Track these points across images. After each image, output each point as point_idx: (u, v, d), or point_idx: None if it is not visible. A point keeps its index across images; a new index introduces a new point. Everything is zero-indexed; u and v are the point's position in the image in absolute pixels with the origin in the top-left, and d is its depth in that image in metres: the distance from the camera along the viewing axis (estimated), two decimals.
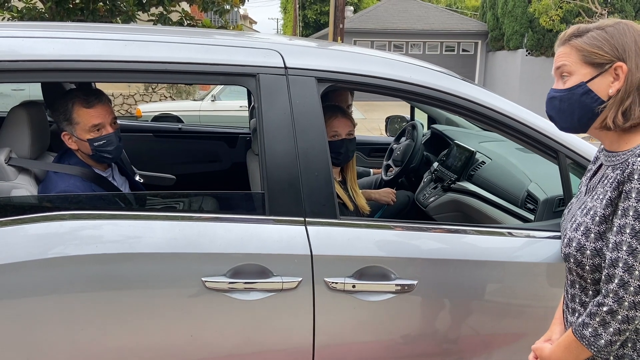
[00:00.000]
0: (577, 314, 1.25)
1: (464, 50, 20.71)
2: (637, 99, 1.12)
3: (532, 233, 1.71)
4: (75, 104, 1.79)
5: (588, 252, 1.16)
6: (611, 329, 1.11)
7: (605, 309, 1.10)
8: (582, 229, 1.18)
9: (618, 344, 1.12)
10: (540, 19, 14.96)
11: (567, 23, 14.64)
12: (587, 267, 1.17)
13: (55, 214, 1.48)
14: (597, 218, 1.14)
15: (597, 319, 1.12)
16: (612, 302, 1.09)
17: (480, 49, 20.34)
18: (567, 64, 1.17)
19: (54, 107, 1.84)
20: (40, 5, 5.25)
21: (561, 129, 1.25)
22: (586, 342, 1.14)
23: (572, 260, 1.20)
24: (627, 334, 1.11)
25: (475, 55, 20.55)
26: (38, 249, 1.42)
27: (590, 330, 1.13)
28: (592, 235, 1.15)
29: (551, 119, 1.25)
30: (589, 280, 1.19)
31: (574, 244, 1.19)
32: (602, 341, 1.12)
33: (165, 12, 5.34)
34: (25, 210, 1.55)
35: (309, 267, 1.53)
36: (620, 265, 1.07)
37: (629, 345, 1.15)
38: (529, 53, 17.22)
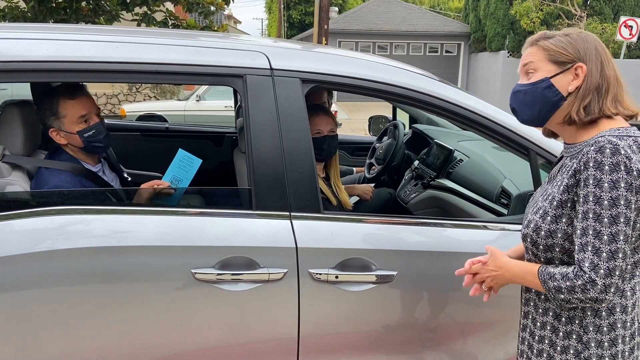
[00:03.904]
0: (532, 290, 1.37)
1: (447, 51, 20.92)
2: (595, 97, 1.25)
3: (506, 226, 1.80)
4: (60, 97, 1.84)
5: (543, 232, 1.27)
6: (569, 298, 1.20)
7: (578, 282, 1.18)
8: (540, 212, 1.29)
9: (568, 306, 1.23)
10: (522, 21, 15.19)
11: (547, 25, 14.89)
12: (541, 247, 1.28)
13: (47, 209, 1.53)
14: (555, 202, 1.26)
15: (567, 283, 1.19)
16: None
17: (463, 50, 20.56)
18: (533, 61, 1.29)
19: (40, 105, 1.88)
20: (22, 4, 5.21)
21: (522, 121, 1.36)
22: (546, 287, 1.24)
23: (528, 240, 1.32)
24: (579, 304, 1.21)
25: (458, 57, 20.78)
26: (33, 243, 1.47)
27: (554, 284, 1.22)
28: (549, 218, 1.26)
29: (513, 111, 1.37)
30: (542, 260, 1.31)
31: (531, 225, 1.30)
32: (561, 296, 1.22)
33: (149, 12, 5.33)
34: (18, 206, 1.60)
35: (294, 259, 1.60)
36: (590, 248, 1.17)
37: (577, 322, 1.26)
38: (510, 54, 17.46)
